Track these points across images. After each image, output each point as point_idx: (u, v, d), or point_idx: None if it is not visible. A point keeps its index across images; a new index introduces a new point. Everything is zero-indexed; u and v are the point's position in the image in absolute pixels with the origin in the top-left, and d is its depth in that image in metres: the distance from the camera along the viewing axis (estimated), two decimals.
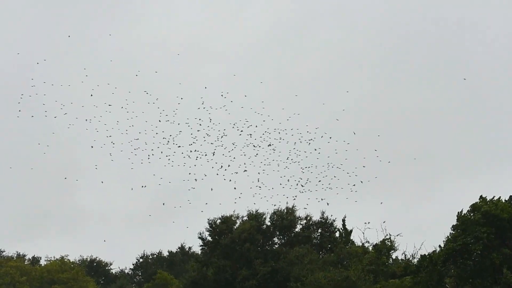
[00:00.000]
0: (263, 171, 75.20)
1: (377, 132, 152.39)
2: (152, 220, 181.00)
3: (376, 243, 70.91)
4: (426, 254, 52.06)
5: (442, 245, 50.79)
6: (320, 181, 73.13)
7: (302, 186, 73.85)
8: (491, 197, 49.47)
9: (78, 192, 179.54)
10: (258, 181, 74.50)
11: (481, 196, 49.85)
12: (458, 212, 48.71)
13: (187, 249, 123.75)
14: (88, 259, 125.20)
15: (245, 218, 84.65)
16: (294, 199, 74.85)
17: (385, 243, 69.43)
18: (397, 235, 69.87)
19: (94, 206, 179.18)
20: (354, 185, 73.65)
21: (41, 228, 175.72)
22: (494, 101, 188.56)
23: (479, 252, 44.85)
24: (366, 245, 74.89)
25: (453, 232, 48.08)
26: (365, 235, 77.20)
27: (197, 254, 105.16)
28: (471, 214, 47.16)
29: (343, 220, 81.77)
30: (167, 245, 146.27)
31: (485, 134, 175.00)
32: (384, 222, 72.65)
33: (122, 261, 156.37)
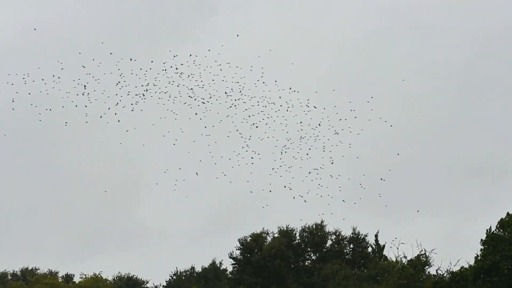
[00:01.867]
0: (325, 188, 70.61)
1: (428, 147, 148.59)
2: (207, 236, 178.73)
3: (411, 259, 69.44)
4: (458, 271, 50.66)
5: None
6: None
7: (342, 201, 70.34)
8: None
9: (138, 208, 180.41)
10: (329, 195, 69.27)
11: (508, 213, 48.72)
12: (487, 230, 47.33)
13: (218, 265, 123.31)
14: (126, 277, 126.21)
15: (276, 234, 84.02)
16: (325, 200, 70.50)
17: (419, 258, 68.03)
18: (432, 251, 68.18)
19: (154, 223, 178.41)
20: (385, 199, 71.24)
21: (97, 245, 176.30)
22: None
23: (507, 270, 43.29)
24: (402, 260, 73.35)
25: (483, 249, 46.69)
26: (399, 250, 75.45)
27: (226, 271, 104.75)
28: (501, 230, 45.71)
29: (376, 236, 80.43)
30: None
31: None
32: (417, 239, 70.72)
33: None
